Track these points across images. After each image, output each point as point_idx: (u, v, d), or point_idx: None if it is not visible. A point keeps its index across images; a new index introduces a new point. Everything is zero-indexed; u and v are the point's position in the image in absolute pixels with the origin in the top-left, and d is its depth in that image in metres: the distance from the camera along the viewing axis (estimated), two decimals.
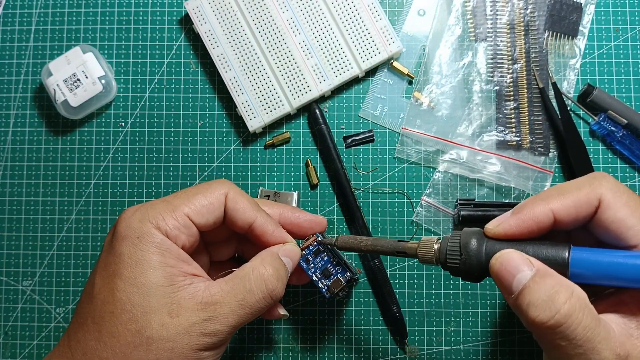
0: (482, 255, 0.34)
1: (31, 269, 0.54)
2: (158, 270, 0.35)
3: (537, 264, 0.32)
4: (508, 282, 0.32)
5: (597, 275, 0.32)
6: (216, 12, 0.53)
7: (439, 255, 0.36)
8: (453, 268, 0.35)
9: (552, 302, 0.30)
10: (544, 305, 0.30)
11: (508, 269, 0.32)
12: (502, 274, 0.32)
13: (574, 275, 0.32)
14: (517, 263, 0.32)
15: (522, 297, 0.31)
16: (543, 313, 0.30)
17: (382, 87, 0.55)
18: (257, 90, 0.53)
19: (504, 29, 0.54)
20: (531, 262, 0.32)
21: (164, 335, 0.34)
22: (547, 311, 0.30)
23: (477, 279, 0.35)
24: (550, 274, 0.32)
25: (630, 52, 0.54)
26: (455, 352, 0.52)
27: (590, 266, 0.32)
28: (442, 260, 0.36)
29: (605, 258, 0.32)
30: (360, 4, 0.53)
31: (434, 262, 0.36)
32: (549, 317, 0.30)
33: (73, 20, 0.56)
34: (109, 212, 0.55)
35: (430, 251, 0.36)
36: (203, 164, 0.55)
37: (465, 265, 0.34)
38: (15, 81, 0.56)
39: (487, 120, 0.53)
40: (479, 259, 0.34)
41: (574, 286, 0.31)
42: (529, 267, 0.32)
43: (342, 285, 0.43)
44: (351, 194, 0.53)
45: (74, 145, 0.55)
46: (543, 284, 0.31)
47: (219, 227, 0.40)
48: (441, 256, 0.36)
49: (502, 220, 0.34)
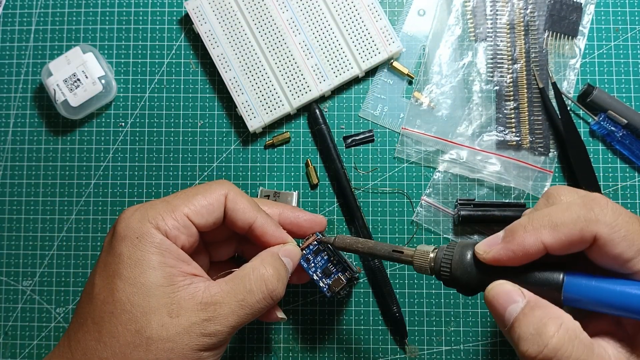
0: (474, 273, 0.33)
1: (31, 269, 0.54)
2: (158, 271, 0.35)
3: (527, 295, 0.31)
4: (500, 314, 0.31)
5: (592, 302, 0.31)
6: (216, 12, 0.53)
7: (433, 265, 0.36)
8: (446, 280, 0.35)
9: (540, 336, 0.29)
10: (532, 339, 0.30)
11: (500, 301, 0.32)
12: (495, 305, 0.32)
13: (567, 300, 0.31)
14: (509, 295, 0.31)
15: (513, 330, 0.31)
16: (532, 347, 0.29)
17: (382, 87, 0.55)
18: (257, 90, 0.53)
19: (504, 29, 0.54)
20: (522, 292, 0.31)
21: (163, 335, 0.34)
22: (535, 345, 0.29)
23: (470, 293, 0.34)
24: (539, 305, 0.31)
25: (630, 52, 0.54)
26: (455, 352, 0.52)
27: (585, 293, 0.31)
28: (436, 271, 0.35)
29: (602, 285, 0.31)
30: (360, 4, 0.53)
31: (429, 272, 0.36)
32: (538, 351, 0.29)
33: (73, 20, 0.56)
34: (109, 212, 0.55)
35: (425, 260, 0.36)
36: (203, 164, 0.55)
37: (458, 278, 0.34)
38: (15, 81, 0.56)
39: (487, 120, 0.53)
40: (470, 276, 0.34)
41: (563, 316, 0.30)
42: (521, 297, 0.31)
43: (343, 284, 0.43)
44: (351, 194, 0.53)
45: (74, 145, 0.55)
46: (531, 317, 0.30)
47: (218, 228, 0.40)
48: (436, 266, 0.35)
49: (492, 246, 0.33)
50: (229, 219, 0.39)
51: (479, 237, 0.52)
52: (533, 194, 0.53)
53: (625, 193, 0.53)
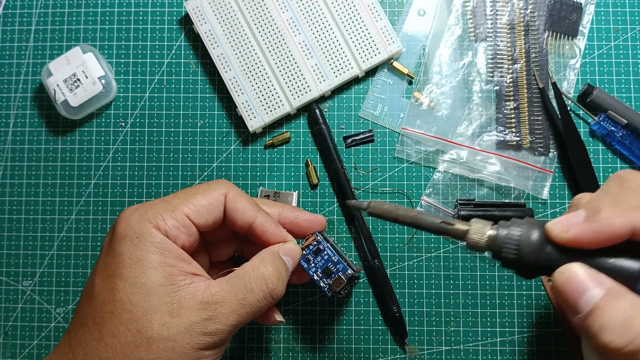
0: (543, 254, 0.31)
1: (31, 269, 0.54)
2: (158, 270, 0.34)
3: (608, 283, 0.29)
4: (574, 300, 0.29)
5: None
6: (216, 12, 0.53)
7: (492, 244, 0.32)
8: (508, 259, 0.32)
9: (629, 326, 0.27)
10: (620, 329, 0.27)
11: (574, 286, 0.29)
12: (568, 291, 0.29)
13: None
14: (584, 280, 0.29)
15: (593, 319, 0.28)
16: (620, 338, 0.27)
17: (382, 87, 0.55)
18: (257, 90, 0.53)
19: (504, 29, 0.54)
20: (601, 280, 0.29)
21: (164, 334, 0.34)
22: (624, 336, 0.27)
23: (529, 276, 0.32)
24: (624, 293, 0.29)
25: (630, 52, 0.54)
26: (455, 352, 0.52)
27: None
28: (495, 249, 0.32)
29: None
30: (360, 4, 0.53)
31: (484, 249, 0.33)
32: (627, 342, 0.27)
33: (73, 20, 0.56)
34: (109, 212, 0.55)
35: (482, 236, 0.33)
36: (203, 164, 0.55)
37: (524, 259, 0.31)
38: (15, 81, 0.56)
39: (487, 120, 0.54)
40: (538, 257, 0.31)
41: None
42: (599, 285, 0.29)
43: (343, 283, 0.43)
44: (351, 194, 0.53)
45: (74, 145, 0.55)
46: (618, 306, 0.28)
47: (218, 227, 0.40)
48: (495, 245, 0.32)
49: (571, 224, 0.30)
50: (228, 219, 0.39)
51: None
52: (533, 194, 0.53)
53: None
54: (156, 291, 0.34)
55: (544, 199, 0.53)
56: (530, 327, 0.52)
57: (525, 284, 0.52)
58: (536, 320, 0.52)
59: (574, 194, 0.53)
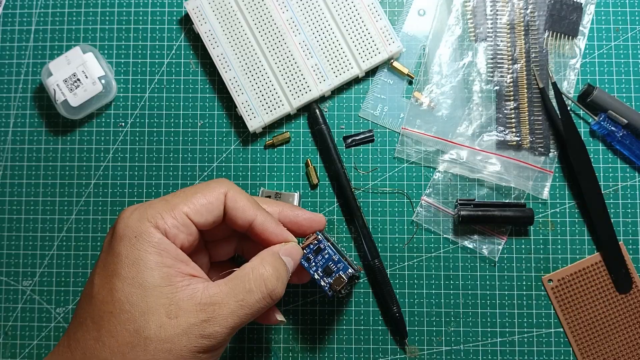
0: None
1: (31, 269, 0.54)
2: (155, 271, 0.34)
3: None
4: None
5: None
6: (216, 12, 0.53)
7: None
8: None
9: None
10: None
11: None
12: None
13: None
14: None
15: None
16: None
17: (382, 87, 0.55)
18: (257, 90, 0.53)
19: (504, 29, 0.54)
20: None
21: (161, 336, 0.33)
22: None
23: None
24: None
25: (630, 52, 0.54)
26: (455, 352, 0.52)
27: None
28: None
29: None
30: (360, 4, 0.53)
31: None
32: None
33: (73, 20, 0.56)
34: (109, 212, 0.55)
35: None
36: (203, 164, 0.55)
37: None
38: (15, 81, 0.56)
39: (487, 120, 0.53)
40: None
41: None
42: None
43: (344, 282, 0.43)
44: (351, 194, 0.52)
45: (74, 145, 0.55)
46: None
47: (219, 226, 0.40)
48: None
49: None
50: (229, 218, 0.39)
51: (479, 237, 0.52)
52: (533, 194, 0.53)
53: (625, 193, 0.53)
54: (154, 292, 0.34)
55: (544, 199, 0.53)
56: (530, 327, 0.52)
57: (525, 284, 0.52)
58: (536, 320, 0.52)
59: (574, 194, 0.53)
